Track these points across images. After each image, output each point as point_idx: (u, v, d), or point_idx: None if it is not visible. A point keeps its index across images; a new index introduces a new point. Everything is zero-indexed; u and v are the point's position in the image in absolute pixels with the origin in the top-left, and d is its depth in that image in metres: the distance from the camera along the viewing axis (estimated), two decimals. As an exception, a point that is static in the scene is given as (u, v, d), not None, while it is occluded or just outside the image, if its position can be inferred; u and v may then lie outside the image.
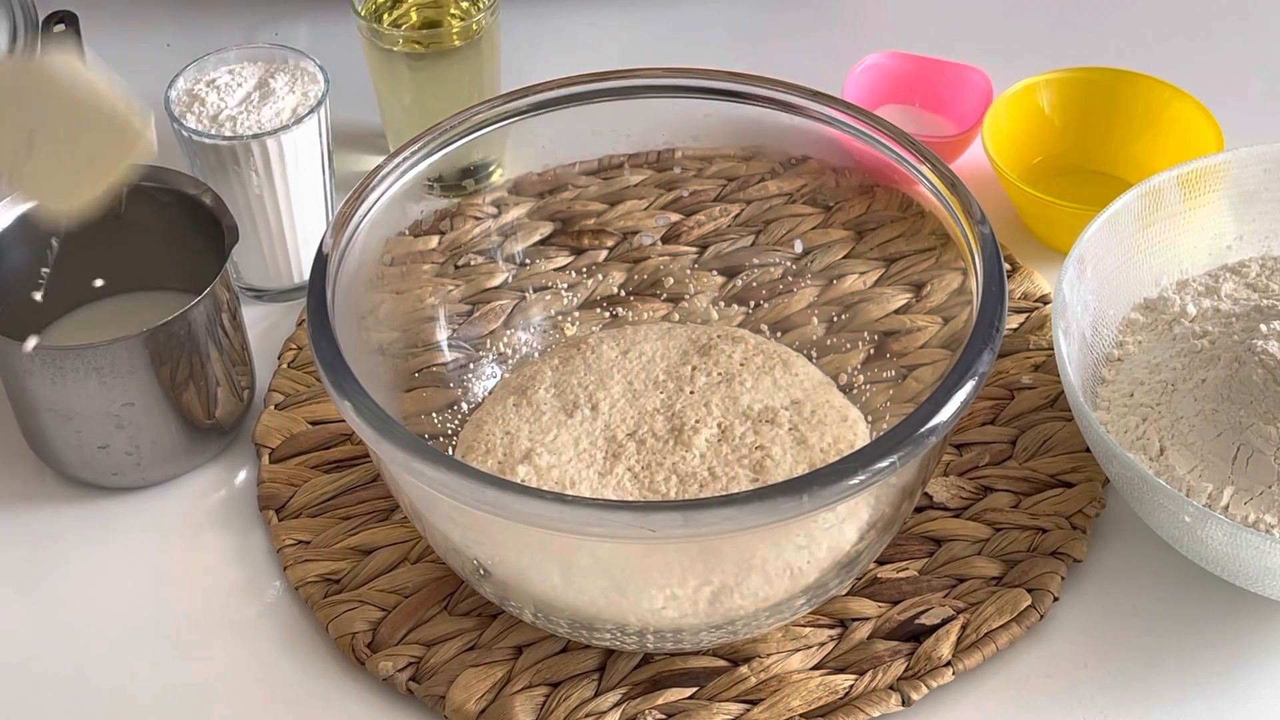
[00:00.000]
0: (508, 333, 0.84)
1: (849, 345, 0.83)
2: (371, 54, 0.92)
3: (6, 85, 0.69)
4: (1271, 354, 0.73)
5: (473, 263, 0.85)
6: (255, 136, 0.85)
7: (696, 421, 0.78)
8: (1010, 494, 0.80)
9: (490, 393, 0.82)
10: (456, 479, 0.64)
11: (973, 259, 0.73)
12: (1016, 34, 1.08)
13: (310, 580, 0.77)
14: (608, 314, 0.86)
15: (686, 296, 0.86)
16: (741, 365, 0.80)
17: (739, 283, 0.86)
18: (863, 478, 0.63)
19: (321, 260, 0.72)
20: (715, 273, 0.86)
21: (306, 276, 0.87)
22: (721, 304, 0.85)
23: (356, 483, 0.81)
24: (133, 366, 0.77)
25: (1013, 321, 0.87)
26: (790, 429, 0.78)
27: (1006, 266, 0.77)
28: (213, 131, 0.86)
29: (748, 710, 0.72)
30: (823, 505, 0.63)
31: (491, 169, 0.92)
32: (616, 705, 0.72)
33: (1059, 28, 1.09)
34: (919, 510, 0.79)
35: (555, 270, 0.86)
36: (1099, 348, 0.81)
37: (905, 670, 0.73)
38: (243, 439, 0.84)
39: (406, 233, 0.82)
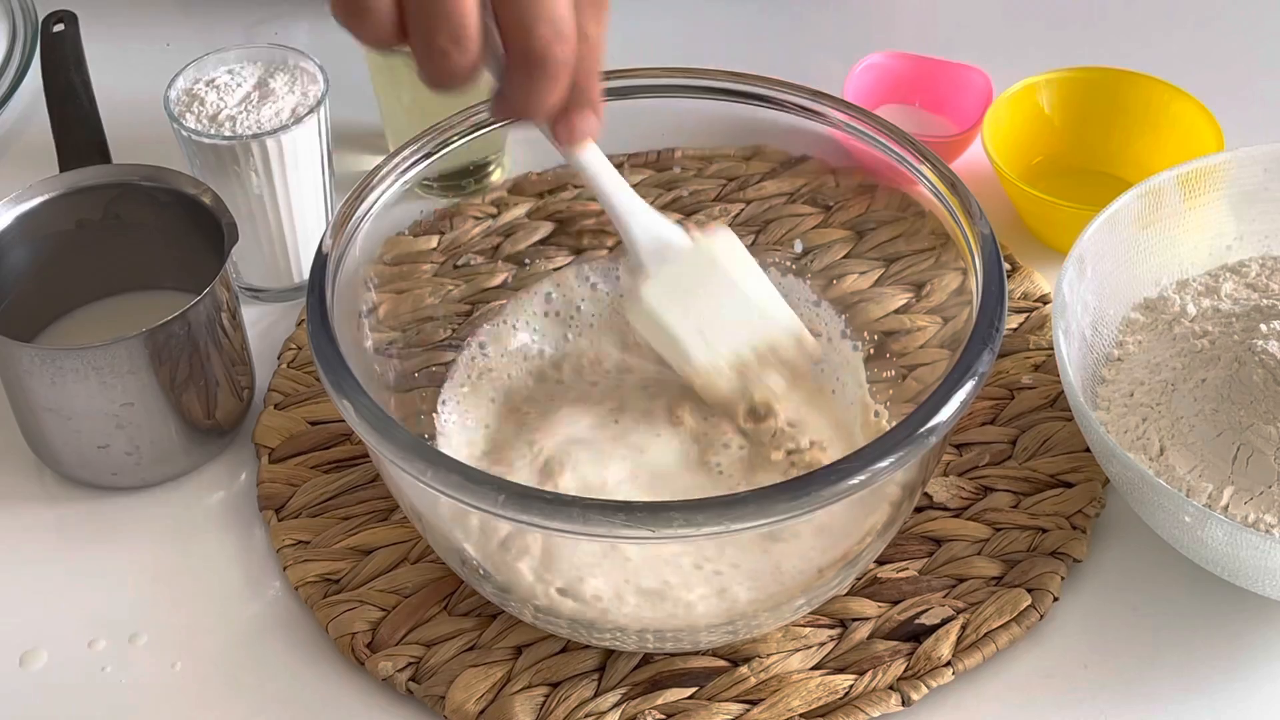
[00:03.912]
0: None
1: (849, 345, 0.83)
2: (371, 54, 0.92)
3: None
4: (1271, 354, 0.73)
5: (473, 263, 0.85)
6: (255, 136, 0.85)
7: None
8: (1010, 494, 0.80)
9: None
10: (456, 479, 0.64)
11: (973, 259, 0.73)
12: (1016, 34, 1.08)
13: (310, 580, 0.77)
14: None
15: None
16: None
17: (739, 283, 0.86)
18: (863, 478, 0.63)
19: (321, 260, 0.72)
20: (715, 273, 0.86)
21: (306, 276, 0.87)
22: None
23: (356, 483, 0.81)
24: (133, 366, 0.77)
25: (1013, 321, 0.87)
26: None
27: (1006, 266, 0.77)
28: (212, 131, 0.86)
29: (748, 710, 0.72)
30: (823, 505, 0.63)
31: (491, 169, 0.92)
32: (616, 705, 0.72)
33: (1059, 28, 1.09)
34: (919, 510, 0.79)
35: (555, 270, 0.86)
36: (1099, 348, 0.81)
37: (905, 670, 0.73)
38: (243, 439, 0.84)
39: (406, 233, 0.82)
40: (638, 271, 0.75)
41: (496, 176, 0.92)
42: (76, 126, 0.88)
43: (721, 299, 0.75)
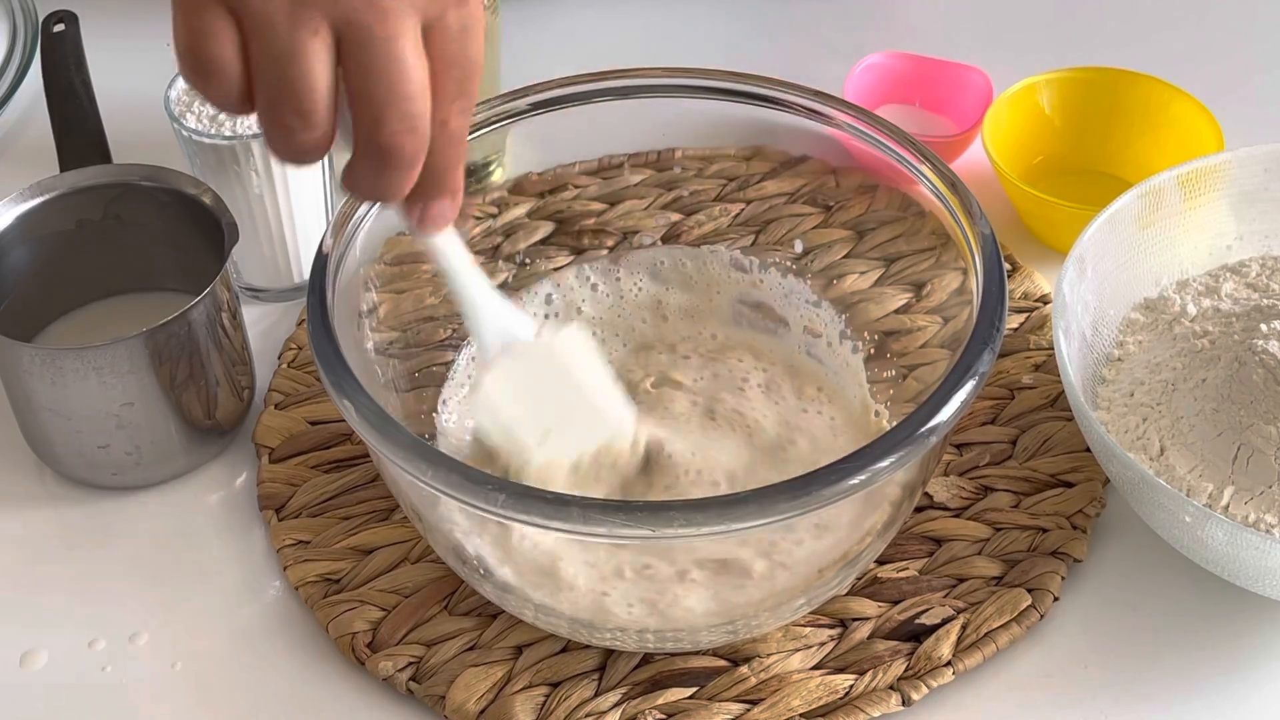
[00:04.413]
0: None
1: (849, 346, 0.83)
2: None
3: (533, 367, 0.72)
4: (1272, 354, 0.73)
5: (472, 263, 0.85)
6: (255, 136, 0.85)
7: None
8: (1010, 494, 0.80)
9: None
10: (456, 479, 0.64)
11: (973, 259, 0.73)
12: (1016, 34, 1.08)
13: (310, 580, 0.77)
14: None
15: (686, 296, 0.86)
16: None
17: (739, 283, 0.86)
18: (863, 477, 0.63)
19: (321, 260, 0.72)
20: (715, 273, 0.86)
21: (306, 276, 0.87)
22: (721, 304, 0.85)
23: (356, 483, 0.81)
24: (133, 366, 0.77)
25: (1013, 321, 0.87)
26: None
27: (1006, 266, 0.77)
28: (212, 131, 0.86)
29: (748, 710, 0.72)
30: (823, 505, 0.63)
31: (491, 169, 0.92)
32: (616, 705, 0.72)
33: (1059, 28, 1.09)
34: (919, 510, 0.79)
35: (555, 270, 0.86)
36: (1099, 348, 0.81)
37: (905, 670, 0.73)
38: (243, 439, 0.84)
39: (407, 232, 0.82)
40: (481, 362, 0.72)
41: (496, 176, 0.92)
42: (76, 126, 0.88)
43: (561, 397, 0.73)
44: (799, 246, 0.85)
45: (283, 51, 0.57)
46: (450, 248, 0.69)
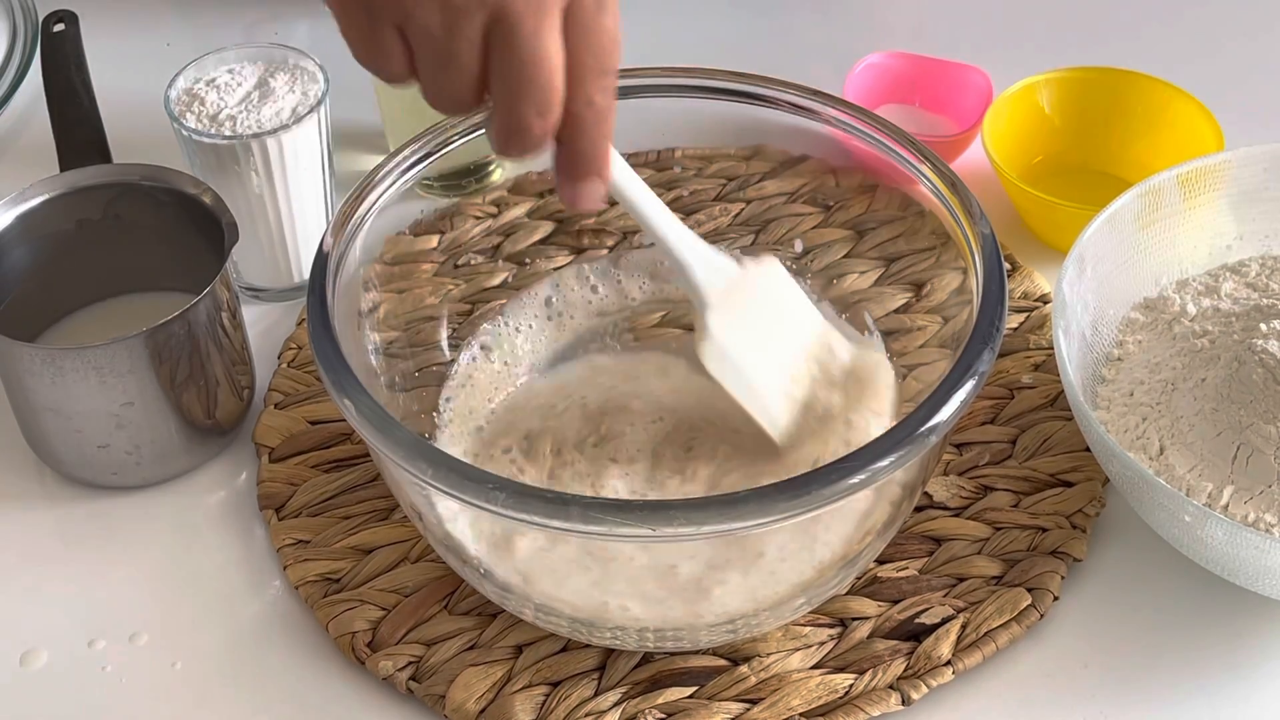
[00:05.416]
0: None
1: (849, 345, 0.83)
2: (371, 54, 0.92)
3: None
4: (1271, 353, 0.73)
5: (473, 263, 0.85)
6: (255, 136, 0.85)
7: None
8: (1010, 493, 0.80)
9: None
10: (456, 479, 0.64)
11: (973, 258, 0.73)
12: (1016, 34, 1.08)
13: (310, 580, 0.77)
14: (608, 314, 0.86)
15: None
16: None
17: (739, 282, 0.86)
18: (863, 477, 0.63)
19: (321, 260, 0.72)
20: (715, 272, 0.86)
21: (306, 276, 0.87)
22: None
23: (356, 482, 0.81)
24: (133, 366, 0.77)
25: (1013, 321, 0.87)
26: None
27: (1006, 266, 0.77)
28: (212, 131, 0.86)
29: (748, 710, 0.72)
30: (822, 505, 0.63)
31: (491, 169, 0.92)
32: (616, 704, 0.72)
33: (1059, 28, 1.09)
34: (919, 510, 0.79)
35: (555, 270, 0.86)
36: (1099, 347, 0.81)
37: (905, 669, 0.73)
38: (243, 439, 0.84)
39: (406, 232, 0.82)
40: (701, 304, 0.73)
41: (496, 176, 0.92)
42: (76, 126, 0.88)
43: (778, 330, 0.76)
44: (799, 246, 0.85)
45: (442, 58, 0.61)
46: (639, 192, 0.71)
